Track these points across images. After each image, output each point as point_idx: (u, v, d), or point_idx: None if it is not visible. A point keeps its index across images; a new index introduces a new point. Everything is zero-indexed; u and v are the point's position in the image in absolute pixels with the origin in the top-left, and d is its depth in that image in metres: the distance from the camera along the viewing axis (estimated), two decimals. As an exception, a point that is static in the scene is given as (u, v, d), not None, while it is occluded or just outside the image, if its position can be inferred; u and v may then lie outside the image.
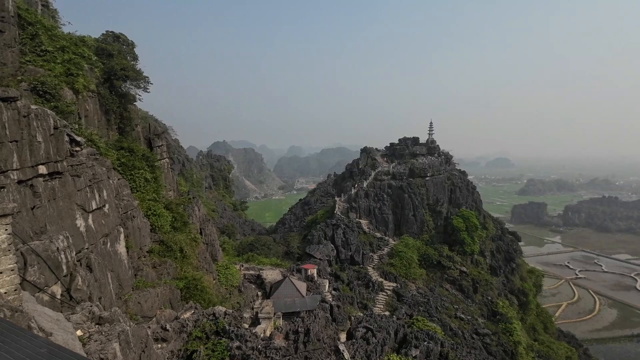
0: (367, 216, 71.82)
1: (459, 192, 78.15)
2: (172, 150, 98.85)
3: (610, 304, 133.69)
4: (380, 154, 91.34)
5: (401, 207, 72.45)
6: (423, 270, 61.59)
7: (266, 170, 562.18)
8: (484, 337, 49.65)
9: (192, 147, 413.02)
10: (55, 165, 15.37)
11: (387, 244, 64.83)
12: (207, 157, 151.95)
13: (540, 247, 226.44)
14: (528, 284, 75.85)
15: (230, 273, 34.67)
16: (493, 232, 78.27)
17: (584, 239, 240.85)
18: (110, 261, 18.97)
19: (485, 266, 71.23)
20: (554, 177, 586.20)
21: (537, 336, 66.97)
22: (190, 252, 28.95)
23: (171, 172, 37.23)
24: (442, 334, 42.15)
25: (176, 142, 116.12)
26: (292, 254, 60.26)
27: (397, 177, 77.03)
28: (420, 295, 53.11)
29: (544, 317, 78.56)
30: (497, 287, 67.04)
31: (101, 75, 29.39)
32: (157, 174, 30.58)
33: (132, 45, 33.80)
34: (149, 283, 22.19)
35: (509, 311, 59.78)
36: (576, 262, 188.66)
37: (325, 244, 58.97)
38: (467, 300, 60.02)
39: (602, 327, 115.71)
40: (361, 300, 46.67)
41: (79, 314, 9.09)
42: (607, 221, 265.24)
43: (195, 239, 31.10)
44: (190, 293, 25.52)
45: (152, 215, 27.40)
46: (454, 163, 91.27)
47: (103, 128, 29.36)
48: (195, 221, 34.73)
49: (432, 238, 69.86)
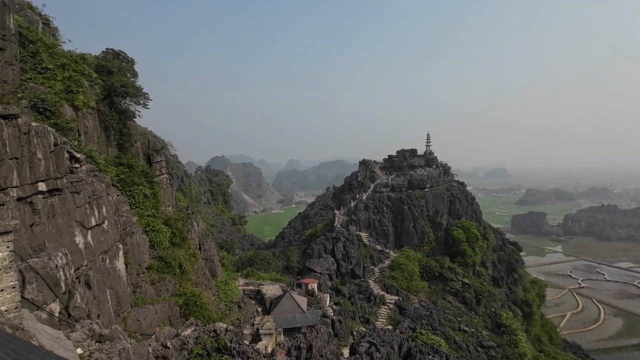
0: (367, 229, 71.48)
1: (459, 203, 78.18)
2: (171, 166, 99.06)
3: (615, 312, 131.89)
4: (378, 166, 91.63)
5: (401, 219, 72.28)
6: (425, 283, 60.95)
7: (265, 184, 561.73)
8: (488, 350, 48.78)
9: (191, 162, 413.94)
10: (55, 182, 15.36)
11: (387, 257, 64.35)
12: (205, 172, 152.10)
13: (542, 256, 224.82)
14: (531, 295, 74.99)
15: (230, 289, 34.19)
16: (494, 243, 77.90)
17: (585, 248, 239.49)
18: (109, 278, 18.72)
19: (487, 277, 70.59)
20: (552, 186, 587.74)
21: (542, 347, 65.77)
22: (189, 268, 28.61)
23: (170, 188, 37.17)
24: (447, 348, 41.38)
25: (175, 157, 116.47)
26: (292, 269, 59.60)
27: (396, 189, 77.11)
28: (422, 308, 52.38)
29: (549, 328, 77.33)
30: (500, 299, 66.27)
31: (101, 92, 29.69)
32: (156, 190, 30.54)
33: (132, 62, 34.28)
34: (148, 300, 21.86)
35: (513, 322, 58.93)
36: (578, 272, 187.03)
37: (326, 258, 58.45)
38: (471, 312, 59.23)
39: (608, 336, 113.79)
40: (363, 314, 45.94)
41: (79, 332, 8.92)
42: (607, 229, 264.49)
43: (194, 254, 30.80)
44: (189, 309, 25.09)
45: (151, 231, 27.22)
46: (452, 174, 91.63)
47: (102, 144, 29.48)
48: (194, 236, 34.47)
49: (433, 250, 69.42)
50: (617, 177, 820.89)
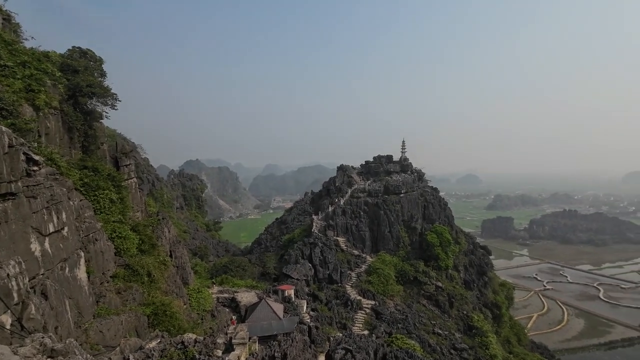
0: (344, 234, 71.73)
1: (432, 208, 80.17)
2: (141, 170, 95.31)
3: (578, 313, 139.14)
4: (356, 172, 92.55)
5: (377, 223, 73.12)
6: (400, 287, 61.73)
7: (241, 189, 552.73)
8: (461, 352, 49.89)
9: (163, 166, 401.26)
10: (9, 186, 14.24)
11: (364, 262, 64.74)
12: (178, 177, 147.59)
13: (510, 260, 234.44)
14: (500, 297, 77.69)
15: (203, 297, 33.05)
16: (465, 247, 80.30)
17: (550, 251, 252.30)
18: (69, 287, 17.57)
19: (460, 280, 72.57)
20: (519, 192, 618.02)
21: (512, 349, 68.10)
22: (159, 276, 27.40)
23: (139, 192, 35.61)
24: (421, 351, 41.93)
25: (146, 161, 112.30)
26: (268, 275, 58.62)
27: (372, 195, 78.07)
28: (398, 312, 52.94)
29: (517, 330, 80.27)
30: (471, 301, 68.19)
31: (65, 92, 28.18)
32: (123, 195, 29.21)
33: (100, 62, 32.79)
34: (113, 310, 20.79)
35: (484, 325, 60.65)
36: (543, 274, 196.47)
37: (303, 264, 57.95)
38: (444, 315, 60.51)
39: (572, 337, 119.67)
40: (340, 320, 45.78)
41: (28, 347, 8.17)
42: (569, 233, 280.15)
43: (164, 262, 29.56)
44: (158, 319, 24.02)
45: (117, 237, 25.96)
46: (426, 180, 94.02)
47: (65, 146, 27.90)
48: (165, 243, 33.12)
49: (408, 254, 70.61)
50: (578, 183, 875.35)
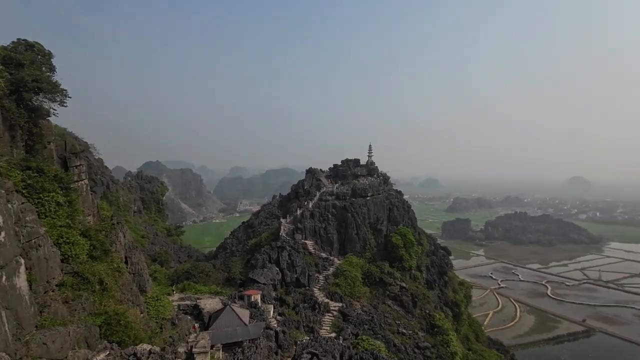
0: (312, 237, 71.53)
1: (397, 211, 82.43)
2: (94, 171, 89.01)
3: (529, 310, 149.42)
4: (324, 175, 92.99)
5: (345, 226, 73.77)
6: (367, 288, 62.54)
7: (206, 192, 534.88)
8: (424, 351, 51.41)
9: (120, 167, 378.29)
10: None
11: (332, 264, 64.90)
12: (136, 179, 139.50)
13: (467, 260, 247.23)
14: (460, 296, 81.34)
15: (162, 305, 31.15)
16: (427, 248, 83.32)
17: (503, 251, 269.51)
18: (6, 297, 15.80)
19: (422, 280, 75.04)
20: (475, 195, 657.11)
21: (470, 345, 71.37)
22: (112, 284, 25.43)
23: (91, 195, 32.95)
24: (386, 352, 42.63)
25: (100, 162, 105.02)
26: (234, 280, 56.79)
27: (340, 198, 78.76)
28: (365, 314, 53.51)
29: (475, 327, 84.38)
30: (433, 301, 70.70)
31: (7, 87, 25.54)
32: (72, 197, 26.93)
33: (49, 56, 30.04)
34: (59, 321, 19.07)
35: (445, 323, 63.02)
36: (498, 273, 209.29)
37: (270, 268, 56.87)
38: (408, 315, 62.09)
39: (524, 332, 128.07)
40: (307, 323, 45.36)
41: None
42: (520, 234, 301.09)
43: (118, 268, 27.51)
44: (112, 330, 22.34)
45: (64, 243, 23.80)
46: (391, 183, 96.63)
47: (6, 145, 25.24)
48: (120, 249, 30.89)
49: (374, 255, 71.88)
50: (528, 187, 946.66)
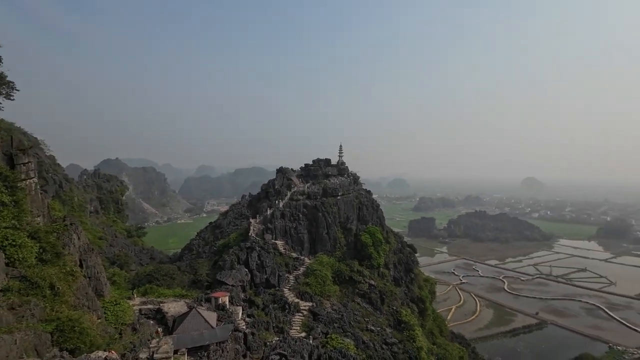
0: (283, 237, 70.82)
1: (366, 210, 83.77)
2: (45, 169, 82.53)
3: (488, 304, 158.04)
4: (295, 175, 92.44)
5: (316, 225, 73.79)
6: (337, 287, 62.95)
7: (170, 192, 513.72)
8: (392, 347, 52.62)
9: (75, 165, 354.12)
10: None
11: (302, 264, 64.60)
12: (93, 177, 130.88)
13: (432, 257, 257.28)
14: (425, 292, 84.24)
15: (121, 309, 29.26)
16: (395, 246, 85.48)
17: (464, 248, 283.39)
18: None
19: (390, 278, 76.88)
20: (439, 195, 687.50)
21: (435, 340, 74.16)
22: (65, 289, 23.49)
23: (41, 195, 30.29)
24: (355, 350, 43.12)
25: (51, 159, 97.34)
26: (200, 283, 54.79)
27: (311, 197, 78.67)
28: (334, 312, 53.79)
29: (439, 322, 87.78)
30: (400, 297, 72.63)
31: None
32: (19, 197, 24.67)
33: (-7, 46, 27.31)
34: (3, 328, 17.48)
35: (411, 319, 64.92)
36: (460, 269, 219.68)
37: (239, 269, 55.50)
38: (376, 312, 63.29)
39: (484, 326, 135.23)
40: (277, 324, 44.76)
41: None
42: (479, 232, 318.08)
43: (72, 272, 25.46)
44: (65, 337, 20.72)
45: (9, 246, 21.74)
46: (361, 183, 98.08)
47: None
48: (74, 251, 28.63)
49: (344, 254, 72.58)
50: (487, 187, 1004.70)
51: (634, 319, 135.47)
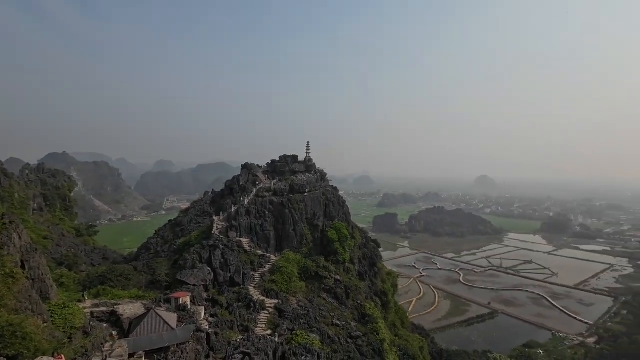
0: (248, 234, 69.38)
1: (333, 207, 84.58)
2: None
3: (445, 296, 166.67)
4: (262, 171, 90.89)
5: (282, 222, 73.15)
6: (303, 283, 62.93)
7: (125, 188, 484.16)
8: (356, 340, 53.70)
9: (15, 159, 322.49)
10: None
11: (268, 261, 63.76)
12: (37, 172, 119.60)
13: (395, 251, 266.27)
14: (387, 285, 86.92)
15: (70, 312, 26.96)
16: (360, 241, 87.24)
17: (424, 243, 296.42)
18: None
19: (355, 272, 78.36)
20: (402, 191, 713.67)
21: (397, 331, 76.83)
22: (5, 292, 21.21)
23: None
24: (320, 345, 43.44)
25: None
26: (159, 283, 52.12)
27: (278, 194, 77.79)
28: (300, 308, 53.73)
29: (401, 314, 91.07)
30: (364, 291, 74.30)
31: None
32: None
33: None
34: None
35: (374, 312, 66.63)
36: (420, 263, 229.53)
37: (201, 268, 53.52)
38: (342, 306, 64.21)
39: (442, 316, 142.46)
40: (242, 322, 43.82)
41: None
42: (438, 227, 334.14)
43: (12, 274, 23.02)
44: (5, 342, 18.86)
45: None
46: (327, 180, 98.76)
47: None
48: (14, 252, 25.89)
49: (311, 251, 72.77)
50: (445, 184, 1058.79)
51: (574, 308, 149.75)
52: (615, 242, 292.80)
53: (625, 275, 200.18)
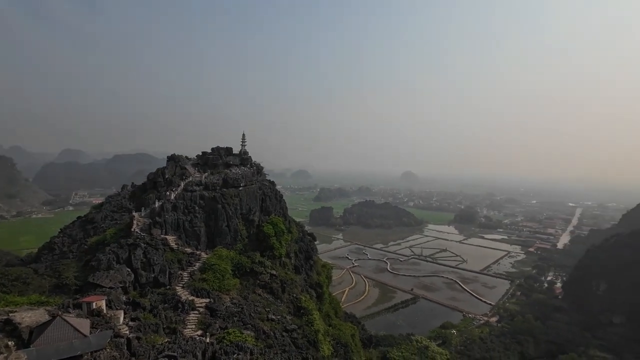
0: (175, 231, 64.40)
1: (269, 201, 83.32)
2: None
3: (374, 284, 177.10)
4: (191, 163, 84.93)
5: (214, 218, 69.57)
6: (237, 280, 60.91)
7: (21, 181, 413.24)
8: (291, 333, 53.96)
9: None
10: None
11: (198, 259, 60.11)
12: None
13: (329, 244, 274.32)
14: (322, 277, 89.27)
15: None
16: (296, 235, 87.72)
17: (357, 235, 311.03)
18: None
19: (291, 266, 78.64)
20: (337, 186, 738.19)
21: (331, 321, 79.38)
22: None
23: None
24: (253, 341, 42.61)
25: None
26: (66, 287, 45.49)
27: (210, 188, 73.62)
28: (234, 306, 51.94)
29: (335, 304, 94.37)
30: (300, 284, 75.10)
31: None
32: None
33: None
34: None
35: (309, 304, 67.79)
36: (352, 254, 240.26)
37: (119, 269, 48.10)
38: (277, 300, 63.91)
39: (371, 304, 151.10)
40: (169, 324, 40.60)
41: None
42: (369, 219, 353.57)
43: None
44: None
45: None
46: (264, 174, 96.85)
47: None
48: None
49: (246, 247, 70.73)
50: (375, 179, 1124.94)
51: (480, 290, 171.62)
52: (511, 232, 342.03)
53: (519, 260, 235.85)
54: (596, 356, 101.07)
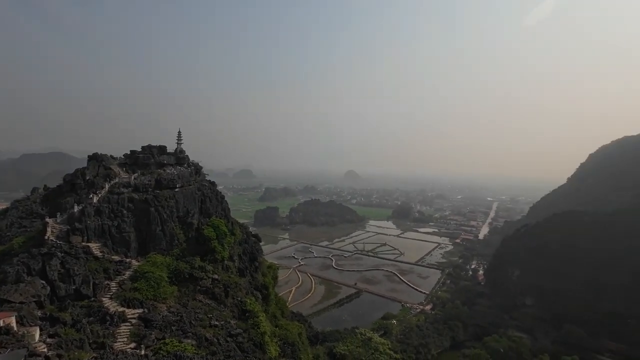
0: (99, 238, 57.82)
1: (209, 202, 79.41)
2: None
3: (320, 281, 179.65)
4: (117, 163, 77.03)
5: (147, 222, 64.00)
6: (174, 287, 56.88)
7: None
8: (236, 337, 52.17)
9: None
10: None
11: (128, 267, 54.78)
12: None
13: (275, 244, 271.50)
14: (268, 278, 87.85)
15: None
16: (240, 237, 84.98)
17: (303, 233, 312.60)
18: None
19: (235, 269, 75.97)
20: (283, 185, 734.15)
21: (277, 322, 78.52)
22: None
23: None
24: (194, 349, 40.36)
25: None
26: (-40, 309, 38.12)
27: (140, 190, 67.48)
28: (172, 315, 48.48)
29: (281, 304, 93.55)
30: (245, 287, 72.91)
31: None
32: None
33: None
34: None
35: (255, 307, 66.16)
36: (299, 253, 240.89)
37: (31, 281, 41.87)
38: (220, 306, 61.22)
39: (317, 301, 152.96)
40: (96, 339, 36.39)
41: None
42: (314, 218, 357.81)
43: None
44: None
45: None
46: (204, 174, 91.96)
47: None
48: None
49: (184, 251, 66.37)
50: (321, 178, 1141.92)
51: (416, 281, 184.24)
52: (441, 225, 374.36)
53: (448, 251, 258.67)
54: (514, 336, 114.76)
